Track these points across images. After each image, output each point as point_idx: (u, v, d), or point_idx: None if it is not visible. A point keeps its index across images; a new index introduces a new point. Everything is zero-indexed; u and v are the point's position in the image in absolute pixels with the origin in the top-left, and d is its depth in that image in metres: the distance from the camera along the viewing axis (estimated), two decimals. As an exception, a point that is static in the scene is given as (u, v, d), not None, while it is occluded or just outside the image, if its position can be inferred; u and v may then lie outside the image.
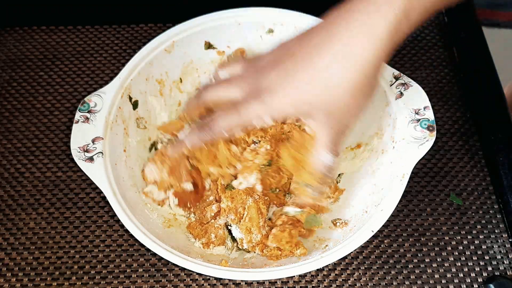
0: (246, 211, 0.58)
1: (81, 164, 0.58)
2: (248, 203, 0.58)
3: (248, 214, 0.57)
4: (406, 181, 0.57)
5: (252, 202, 0.58)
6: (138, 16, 0.79)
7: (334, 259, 0.54)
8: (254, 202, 0.58)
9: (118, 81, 0.63)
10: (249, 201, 0.58)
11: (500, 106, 0.69)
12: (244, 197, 0.58)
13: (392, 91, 0.62)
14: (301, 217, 0.59)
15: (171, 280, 0.59)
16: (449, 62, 0.75)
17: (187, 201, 0.62)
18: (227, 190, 0.60)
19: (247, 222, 0.57)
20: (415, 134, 0.59)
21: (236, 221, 0.58)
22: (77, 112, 0.61)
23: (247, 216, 0.57)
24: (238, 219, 0.58)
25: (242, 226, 0.57)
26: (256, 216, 0.57)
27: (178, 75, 0.69)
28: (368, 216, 0.57)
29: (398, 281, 0.59)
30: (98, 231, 0.62)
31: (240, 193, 0.59)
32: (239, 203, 0.58)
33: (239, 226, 0.58)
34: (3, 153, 0.67)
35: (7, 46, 0.76)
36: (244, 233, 0.57)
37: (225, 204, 0.59)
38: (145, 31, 0.78)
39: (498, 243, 0.61)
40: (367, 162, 0.64)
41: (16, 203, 0.64)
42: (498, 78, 0.71)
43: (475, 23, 0.76)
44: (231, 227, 0.59)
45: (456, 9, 0.77)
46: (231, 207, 0.58)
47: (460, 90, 0.72)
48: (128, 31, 0.78)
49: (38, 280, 0.59)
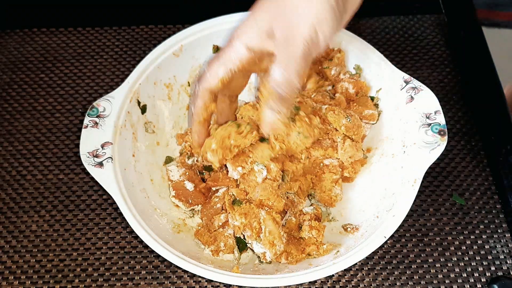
0: (262, 225, 0.57)
1: (90, 169, 0.58)
2: (262, 216, 0.57)
3: (266, 227, 0.56)
4: (418, 186, 0.56)
5: (265, 214, 0.57)
6: (138, 18, 0.79)
7: (346, 265, 0.53)
8: (267, 214, 0.57)
9: (126, 86, 0.63)
10: (262, 213, 0.57)
11: (500, 106, 0.69)
12: (256, 211, 0.57)
13: (403, 95, 0.62)
14: (317, 213, 0.60)
15: (174, 282, 0.59)
16: (450, 62, 0.75)
17: (188, 197, 0.62)
18: (235, 205, 0.59)
19: (268, 236, 0.56)
20: (426, 138, 0.59)
21: (254, 237, 0.57)
22: (86, 117, 0.60)
23: (266, 229, 0.56)
24: (257, 235, 0.57)
25: (264, 241, 0.56)
26: (275, 227, 0.56)
27: (186, 78, 0.69)
28: (379, 222, 0.57)
29: (402, 281, 0.59)
30: (100, 233, 0.62)
31: (251, 207, 0.57)
32: (252, 218, 0.57)
33: (260, 242, 0.57)
34: (5, 155, 0.67)
35: (8, 48, 0.76)
36: (268, 248, 0.56)
37: (239, 221, 0.57)
38: (146, 32, 0.78)
39: (501, 243, 0.61)
40: (378, 166, 0.64)
41: (18, 205, 0.64)
42: (498, 78, 0.71)
43: (475, 23, 0.76)
44: (251, 244, 0.58)
45: (456, 9, 0.78)
46: (245, 224, 0.57)
47: (462, 90, 0.72)
48: (129, 33, 0.78)
49: (40, 283, 0.59)
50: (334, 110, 0.62)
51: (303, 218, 0.60)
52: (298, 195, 0.61)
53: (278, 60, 0.51)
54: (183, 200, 0.62)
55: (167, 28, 0.78)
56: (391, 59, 0.71)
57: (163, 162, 0.66)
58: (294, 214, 0.60)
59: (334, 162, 0.62)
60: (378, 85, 0.65)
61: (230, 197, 0.59)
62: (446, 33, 0.77)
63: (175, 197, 0.62)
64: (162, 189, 0.64)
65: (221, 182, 0.62)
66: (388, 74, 0.64)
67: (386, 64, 0.64)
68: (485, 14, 0.89)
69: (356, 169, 0.63)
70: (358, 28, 0.77)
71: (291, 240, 0.58)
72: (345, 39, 0.67)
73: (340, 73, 0.67)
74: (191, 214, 0.63)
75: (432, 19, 0.79)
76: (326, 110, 0.62)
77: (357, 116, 0.63)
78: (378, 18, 0.79)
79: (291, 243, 0.58)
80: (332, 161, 0.62)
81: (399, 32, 0.78)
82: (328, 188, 0.62)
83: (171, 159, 0.67)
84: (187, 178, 0.63)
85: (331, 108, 0.62)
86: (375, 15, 0.79)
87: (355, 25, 0.78)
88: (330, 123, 0.62)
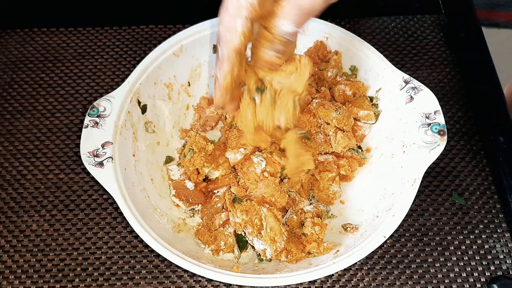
0: (264, 222, 0.57)
1: (91, 169, 0.58)
2: (263, 213, 0.57)
3: (267, 224, 0.57)
4: (417, 186, 0.57)
5: (267, 211, 0.57)
6: (139, 18, 0.79)
7: (345, 265, 0.54)
8: (269, 211, 0.57)
9: (127, 85, 0.63)
10: (263, 210, 0.57)
11: (500, 106, 0.69)
12: (257, 208, 0.57)
13: (402, 95, 0.62)
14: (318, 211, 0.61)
15: (175, 281, 0.59)
16: (449, 62, 0.75)
17: (188, 197, 0.62)
18: (236, 203, 0.59)
19: (270, 232, 0.56)
20: (426, 138, 0.59)
21: (255, 233, 0.57)
22: (87, 117, 0.61)
23: (267, 226, 0.57)
24: (258, 231, 0.57)
25: (265, 237, 0.57)
26: (276, 224, 0.57)
27: (186, 78, 0.69)
28: (379, 221, 0.57)
29: (401, 281, 0.59)
30: (100, 233, 0.62)
31: (253, 204, 0.58)
32: (253, 215, 0.57)
33: (261, 239, 0.57)
34: (5, 155, 0.67)
35: (8, 48, 0.76)
36: (269, 244, 0.56)
37: (240, 218, 0.58)
38: (146, 32, 0.78)
39: (501, 242, 0.61)
40: (377, 166, 0.64)
41: (19, 205, 0.64)
42: (498, 78, 0.71)
43: (475, 23, 0.76)
44: (251, 240, 0.58)
45: (456, 9, 0.78)
46: (246, 221, 0.57)
47: (461, 90, 0.72)
48: (129, 33, 0.78)
49: (41, 282, 0.59)
50: (324, 104, 0.62)
51: (305, 216, 0.60)
52: (299, 193, 0.62)
53: (286, 11, 0.49)
54: (183, 199, 0.62)
55: (167, 28, 0.78)
56: (391, 59, 0.71)
57: (163, 162, 0.66)
58: (295, 212, 0.60)
59: (329, 158, 0.63)
60: (378, 85, 0.66)
61: (230, 195, 0.60)
62: (446, 33, 0.77)
63: (175, 196, 0.62)
64: (162, 189, 0.64)
65: (221, 183, 0.62)
66: (388, 74, 0.64)
67: (386, 64, 0.64)
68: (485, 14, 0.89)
69: (353, 167, 0.64)
70: (358, 28, 0.78)
71: (291, 238, 0.58)
72: (345, 39, 0.67)
73: (337, 75, 0.68)
74: (191, 213, 0.63)
75: (432, 19, 0.79)
76: (316, 105, 0.62)
77: (345, 107, 0.64)
78: (378, 18, 0.79)
79: (291, 241, 0.58)
80: (327, 157, 0.63)
81: (399, 32, 0.78)
82: (326, 187, 0.62)
83: (171, 158, 0.67)
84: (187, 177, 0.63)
85: (321, 103, 0.63)
86: (375, 15, 0.79)
87: (355, 25, 0.78)
88: (320, 117, 0.63)
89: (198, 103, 0.69)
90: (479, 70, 0.72)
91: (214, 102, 0.55)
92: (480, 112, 0.70)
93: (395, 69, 0.63)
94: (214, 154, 0.63)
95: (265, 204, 0.58)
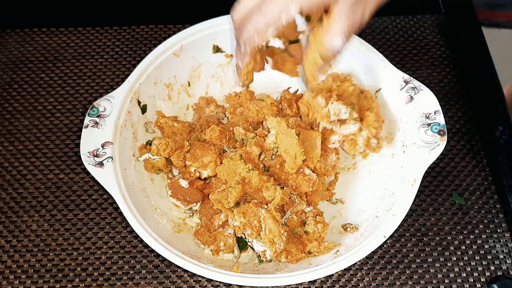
0: (262, 223, 0.57)
1: (91, 169, 0.58)
2: (262, 215, 0.57)
3: (266, 225, 0.57)
4: (417, 186, 0.57)
5: (265, 212, 0.57)
6: (139, 18, 0.79)
7: (345, 265, 0.54)
8: (267, 212, 0.57)
9: (127, 85, 0.63)
10: (262, 212, 0.57)
11: (500, 106, 0.69)
12: (255, 209, 0.57)
13: (402, 95, 0.62)
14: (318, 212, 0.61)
15: (174, 281, 0.59)
16: (449, 62, 0.75)
17: (185, 195, 0.62)
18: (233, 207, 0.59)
19: (268, 234, 0.56)
20: (426, 138, 0.59)
21: (254, 235, 0.57)
22: (86, 117, 0.61)
23: (266, 228, 0.57)
24: (257, 233, 0.57)
25: (264, 239, 0.56)
26: (275, 225, 0.57)
27: (186, 78, 0.69)
28: (379, 221, 0.57)
29: (401, 281, 0.59)
30: (100, 233, 0.62)
31: (250, 206, 0.58)
32: (252, 217, 0.57)
33: (260, 240, 0.57)
34: (5, 155, 0.67)
35: (8, 48, 0.76)
36: (268, 246, 0.56)
37: (238, 221, 0.57)
38: (146, 32, 0.78)
39: (501, 242, 0.61)
40: (377, 166, 0.64)
41: (19, 205, 0.64)
42: (498, 78, 0.71)
43: (475, 23, 0.76)
44: (251, 242, 0.58)
45: (456, 9, 0.78)
46: (245, 223, 0.57)
47: (461, 90, 0.72)
48: (129, 33, 0.78)
49: (41, 282, 0.59)
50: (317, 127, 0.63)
51: (306, 216, 0.60)
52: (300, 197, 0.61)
53: (336, 27, 0.52)
54: (180, 198, 0.62)
55: (167, 28, 0.78)
56: (391, 59, 0.71)
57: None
58: (295, 213, 0.60)
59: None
60: (377, 85, 0.66)
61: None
62: (446, 33, 0.77)
63: (172, 196, 0.62)
64: (162, 189, 0.64)
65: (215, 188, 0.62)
66: (388, 74, 0.64)
67: (386, 64, 0.64)
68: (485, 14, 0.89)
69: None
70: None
71: (291, 239, 0.58)
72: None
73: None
74: (190, 213, 0.63)
75: (432, 19, 0.79)
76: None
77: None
78: (378, 18, 0.79)
79: (291, 242, 0.58)
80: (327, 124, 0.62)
81: (399, 32, 0.78)
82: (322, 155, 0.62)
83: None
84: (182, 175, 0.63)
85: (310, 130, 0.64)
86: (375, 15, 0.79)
87: (355, 25, 0.78)
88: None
89: (196, 103, 0.69)
90: (479, 70, 0.72)
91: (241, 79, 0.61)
92: (480, 112, 0.70)
93: (395, 69, 0.63)
94: (195, 153, 0.62)
95: (263, 205, 0.58)
